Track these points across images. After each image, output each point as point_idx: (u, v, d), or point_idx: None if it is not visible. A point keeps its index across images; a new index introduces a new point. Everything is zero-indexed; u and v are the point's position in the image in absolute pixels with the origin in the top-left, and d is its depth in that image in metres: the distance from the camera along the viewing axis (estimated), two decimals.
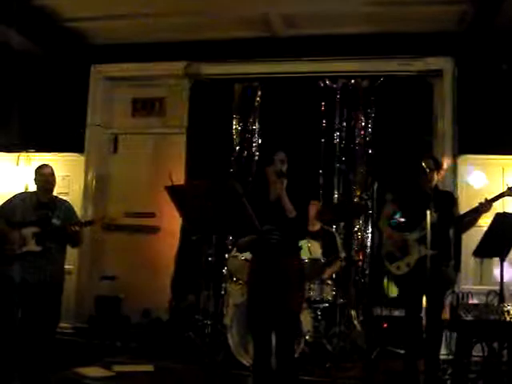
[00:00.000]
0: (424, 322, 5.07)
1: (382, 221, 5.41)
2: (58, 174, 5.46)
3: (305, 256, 5.67)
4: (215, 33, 7.21)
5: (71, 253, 6.36)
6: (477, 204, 4.91)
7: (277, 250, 4.17)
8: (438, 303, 4.86)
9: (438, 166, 5.13)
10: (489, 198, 4.87)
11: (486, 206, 4.84)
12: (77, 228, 5.15)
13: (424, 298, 4.95)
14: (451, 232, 5.18)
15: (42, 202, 5.18)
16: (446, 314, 4.83)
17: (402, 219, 5.12)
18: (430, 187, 5.01)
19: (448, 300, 4.98)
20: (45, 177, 5.22)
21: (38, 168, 5.34)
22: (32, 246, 4.99)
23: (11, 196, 5.31)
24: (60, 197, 5.50)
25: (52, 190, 5.29)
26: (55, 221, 5.13)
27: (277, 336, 4.16)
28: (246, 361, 5.45)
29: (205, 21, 6.94)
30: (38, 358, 4.94)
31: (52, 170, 5.31)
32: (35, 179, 5.27)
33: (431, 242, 4.61)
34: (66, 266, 5.78)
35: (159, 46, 7.56)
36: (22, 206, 5.12)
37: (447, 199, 5.14)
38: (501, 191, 4.99)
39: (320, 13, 6.65)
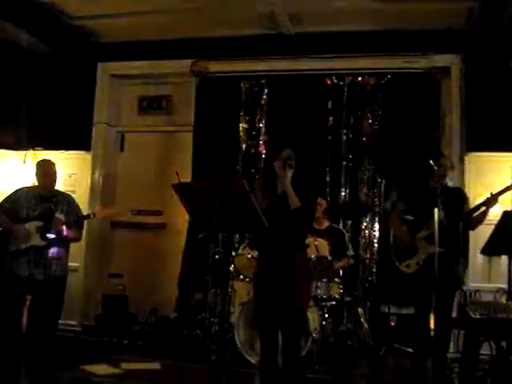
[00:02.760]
0: (433, 320, 5.04)
1: (392, 221, 5.39)
2: (65, 171, 5.49)
3: (312, 254, 5.67)
4: (222, 30, 7.22)
5: (78, 251, 6.41)
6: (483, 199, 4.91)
7: (282, 247, 4.16)
8: (447, 301, 4.84)
9: (451, 165, 5.14)
10: (494, 192, 4.86)
11: (491, 200, 4.84)
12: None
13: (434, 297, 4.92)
14: (461, 230, 5.14)
15: (44, 196, 5.18)
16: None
17: (411, 217, 5.11)
18: (440, 185, 5.00)
19: (457, 298, 4.97)
20: (46, 171, 5.23)
21: (39, 163, 5.35)
22: (36, 241, 5.00)
23: (13, 191, 5.31)
24: (62, 190, 5.50)
25: (54, 185, 5.29)
26: (58, 215, 5.13)
27: (283, 334, 4.15)
28: (253, 359, 5.45)
29: (211, 18, 6.94)
30: (44, 354, 4.95)
31: (53, 164, 5.31)
32: (36, 174, 5.27)
33: (440, 240, 4.60)
34: (74, 264, 5.81)
35: (166, 44, 7.56)
36: (25, 200, 5.12)
37: (457, 196, 5.11)
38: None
39: (326, 10, 6.63)
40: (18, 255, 4.98)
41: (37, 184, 5.31)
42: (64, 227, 5.07)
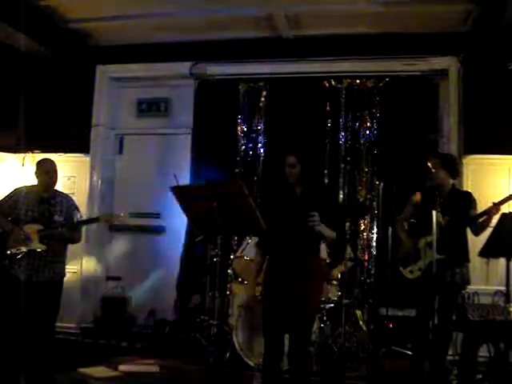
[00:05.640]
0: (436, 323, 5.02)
1: (400, 223, 5.37)
2: (64, 174, 5.44)
3: None
4: (221, 33, 7.22)
5: (77, 253, 6.40)
6: (485, 208, 4.89)
7: (298, 253, 4.13)
8: (448, 306, 4.82)
9: (446, 164, 5.06)
10: (496, 201, 4.84)
11: (494, 209, 4.82)
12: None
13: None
14: (467, 234, 5.11)
15: (43, 197, 5.09)
16: None
17: (413, 221, 5.10)
18: (442, 187, 4.99)
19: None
20: (47, 171, 5.11)
21: (39, 162, 5.22)
22: (36, 245, 4.97)
23: (11, 191, 5.21)
24: (61, 191, 5.40)
25: (54, 186, 5.19)
26: (57, 217, 5.07)
27: (291, 338, 4.11)
28: (252, 361, 5.46)
29: (210, 21, 6.95)
30: (41, 356, 4.94)
31: (54, 164, 5.19)
32: (36, 173, 5.14)
33: (443, 245, 4.59)
34: (73, 267, 5.79)
35: (164, 47, 7.57)
36: (23, 201, 5.03)
37: (464, 200, 5.07)
38: (507, 191, 4.97)
39: (325, 13, 6.65)
40: (16, 258, 4.96)
41: (36, 183, 5.18)
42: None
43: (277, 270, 4.21)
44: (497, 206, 4.82)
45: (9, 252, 4.94)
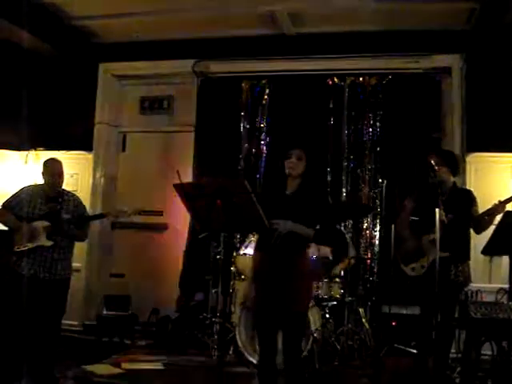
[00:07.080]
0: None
1: (402, 222, 5.35)
2: (67, 172, 5.42)
3: (314, 254, 5.68)
4: (223, 30, 7.23)
5: (80, 251, 6.40)
6: (491, 206, 4.88)
7: (286, 249, 4.09)
8: (451, 303, 4.82)
9: (447, 162, 5.05)
10: (502, 199, 4.83)
11: (499, 207, 4.81)
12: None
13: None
14: (469, 232, 5.10)
15: (50, 195, 5.13)
16: None
17: (416, 218, 5.09)
18: (443, 185, 4.97)
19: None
20: (54, 170, 5.15)
21: (47, 161, 5.26)
22: (43, 241, 4.98)
23: (19, 189, 5.26)
24: (68, 190, 5.44)
25: (61, 185, 5.22)
26: (65, 215, 5.10)
27: (283, 336, 4.11)
28: (254, 358, 5.46)
29: (213, 18, 6.95)
30: (45, 353, 4.95)
31: (61, 164, 5.23)
32: (43, 173, 5.18)
33: (446, 243, 4.57)
34: (76, 264, 5.79)
35: (167, 44, 7.57)
36: (31, 199, 5.08)
37: (465, 198, 5.06)
38: (510, 189, 4.96)
39: (328, 10, 6.64)
40: (23, 255, 4.97)
41: (43, 183, 5.22)
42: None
43: (264, 267, 4.18)
44: (502, 204, 4.81)
45: (16, 249, 4.97)
